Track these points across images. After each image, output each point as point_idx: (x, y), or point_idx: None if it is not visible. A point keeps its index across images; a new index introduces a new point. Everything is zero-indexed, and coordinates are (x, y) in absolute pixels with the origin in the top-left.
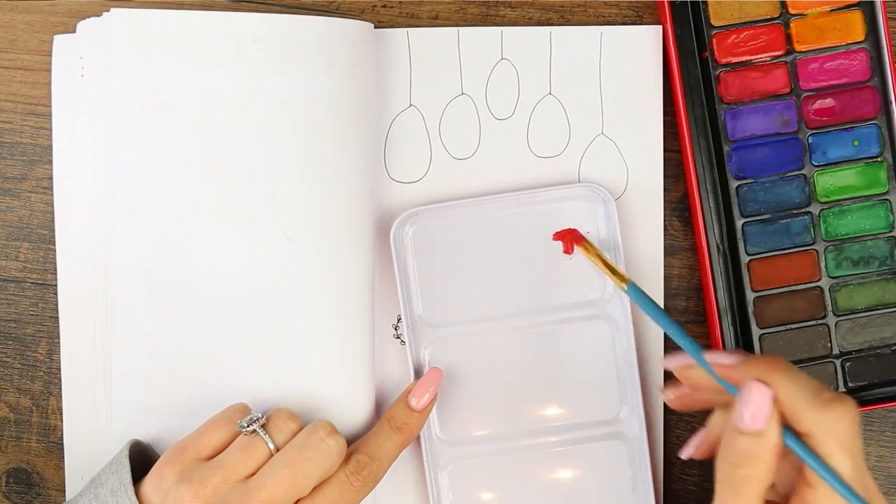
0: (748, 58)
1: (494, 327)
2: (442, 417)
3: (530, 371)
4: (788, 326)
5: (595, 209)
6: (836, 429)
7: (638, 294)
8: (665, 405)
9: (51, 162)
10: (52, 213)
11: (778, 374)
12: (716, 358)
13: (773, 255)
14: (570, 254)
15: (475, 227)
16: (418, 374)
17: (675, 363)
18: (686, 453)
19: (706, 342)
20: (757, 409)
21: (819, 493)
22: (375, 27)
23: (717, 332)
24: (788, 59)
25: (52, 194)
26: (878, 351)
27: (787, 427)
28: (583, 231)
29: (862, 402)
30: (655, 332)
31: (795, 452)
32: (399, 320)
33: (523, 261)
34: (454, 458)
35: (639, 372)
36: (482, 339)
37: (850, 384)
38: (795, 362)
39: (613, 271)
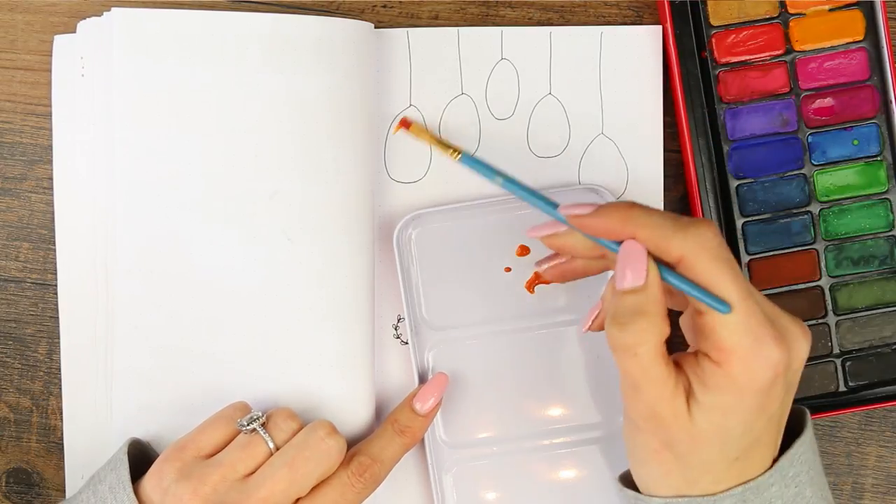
0: (748, 57)
1: (498, 329)
2: (446, 420)
3: (534, 373)
4: None
5: None
6: (702, 242)
7: (473, 162)
8: None
9: (51, 162)
10: (52, 213)
11: (635, 213)
12: (570, 210)
13: (773, 255)
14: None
15: (478, 229)
16: (422, 377)
17: (541, 232)
18: (584, 327)
19: None
20: (635, 265)
21: (709, 316)
22: (375, 27)
23: None
24: (788, 58)
25: (52, 194)
26: (879, 350)
27: (661, 263)
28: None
29: (862, 402)
30: None
31: (672, 284)
32: (399, 320)
33: (526, 263)
34: (458, 461)
35: None
36: (485, 342)
37: (850, 383)
38: None
39: (446, 146)
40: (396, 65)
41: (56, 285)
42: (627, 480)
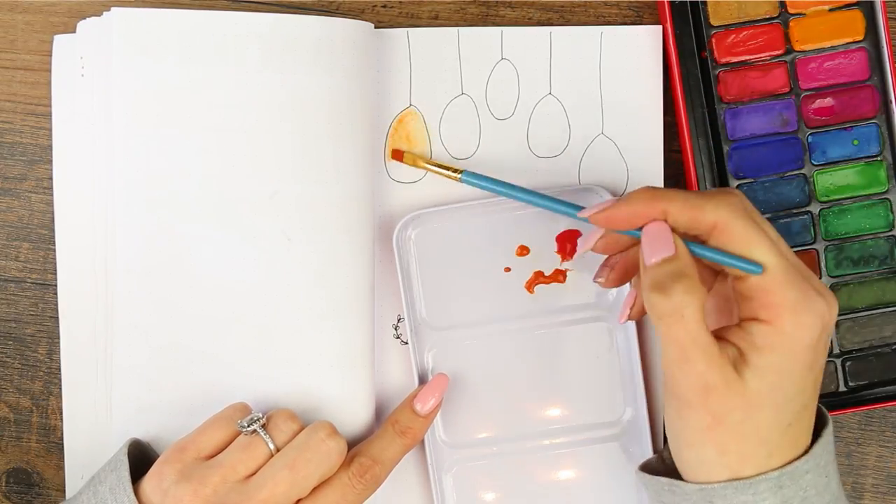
0: (748, 57)
1: (497, 329)
2: (446, 420)
3: (534, 373)
4: None
5: None
6: (733, 207)
7: (476, 178)
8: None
9: (51, 162)
10: (52, 213)
11: (660, 192)
12: (592, 210)
13: None
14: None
15: (478, 229)
16: (422, 377)
17: (591, 211)
18: (622, 318)
19: None
20: (661, 239)
21: (754, 278)
22: (375, 27)
23: None
24: (788, 58)
25: (52, 194)
26: (879, 350)
27: (686, 239)
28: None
29: (862, 402)
30: (657, 334)
31: (704, 256)
32: (399, 320)
33: (526, 263)
34: (458, 461)
35: (642, 374)
36: (485, 342)
37: (850, 383)
38: None
39: (445, 168)
40: (396, 65)
41: (56, 285)
42: (652, 468)
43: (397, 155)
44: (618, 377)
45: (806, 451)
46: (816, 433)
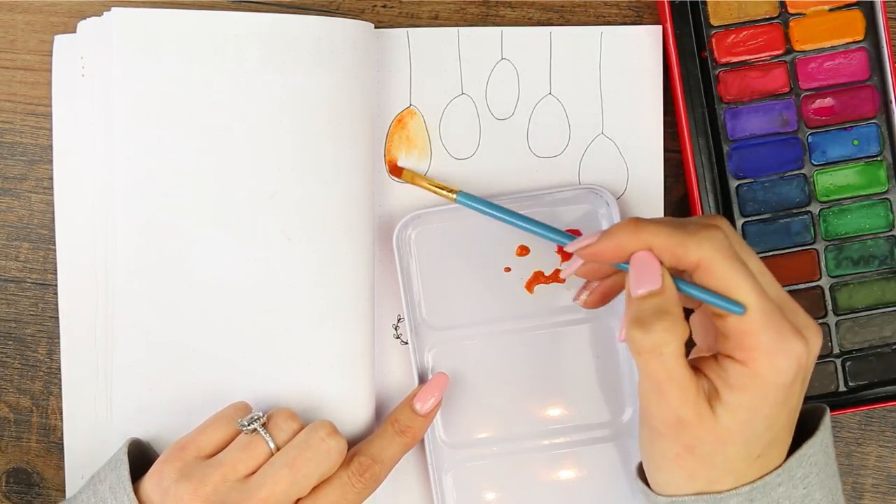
0: (748, 57)
1: (497, 329)
2: (446, 420)
3: (534, 373)
4: None
5: (597, 211)
6: (716, 245)
7: (471, 199)
8: None
9: (51, 162)
10: (52, 213)
11: (643, 225)
12: (577, 244)
13: (773, 255)
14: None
15: (478, 229)
16: (422, 377)
17: (577, 245)
18: (577, 299)
19: None
20: (648, 271)
21: (731, 318)
22: (375, 27)
23: None
24: (788, 58)
25: (52, 194)
26: (879, 350)
27: (676, 277)
28: (585, 234)
29: (862, 402)
30: None
31: (686, 292)
32: (399, 320)
33: (526, 263)
34: (458, 461)
35: None
36: (485, 342)
37: (850, 383)
38: None
39: (440, 188)
40: (396, 65)
41: (56, 285)
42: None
43: (396, 171)
44: (618, 377)
45: (779, 466)
46: (801, 442)
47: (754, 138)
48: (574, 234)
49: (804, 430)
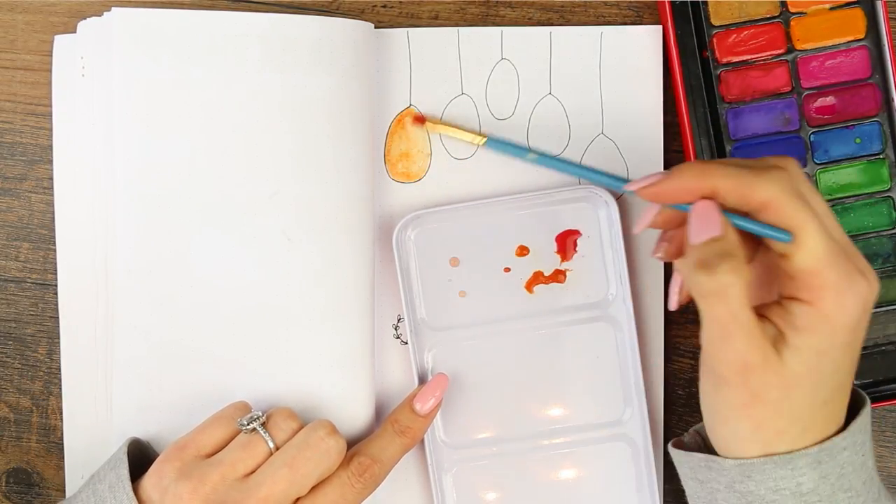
0: (749, 57)
1: (497, 330)
2: (446, 420)
3: (534, 373)
4: None
5: (597, 211)
6: (783, 185)
7: (501, 144)
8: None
9: (51, 162)
10: (52, 213)
11: (711, 167)
12: (639, 183)
13: None
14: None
15: (478, 229)
16: (422, 377)
17: (638, 185)
18: (673, 304)
19: None
20: (708, 219)
21: (798, 256)
22: (375, 27)
23: None
24: (789, 57)
25: (52, 194)
26: (883, 348)
27: (743, 216)
28: (585, 235)
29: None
30: (657, 334)
31: (746, 228)
32: (399, 320)
33: (526, 263)
34: (458, 461)
35: (642, 374)
36: (485, 342)
37: (855, 381)
38: None
39: (466, 132)
40: (396, 65)
41: (56, 285)
42: (685, 445)
43: (419, 120)
44: (618, 377)
45: (842, 429)
46: (854, 412)
47: (756, 138)
48: (574, 234)
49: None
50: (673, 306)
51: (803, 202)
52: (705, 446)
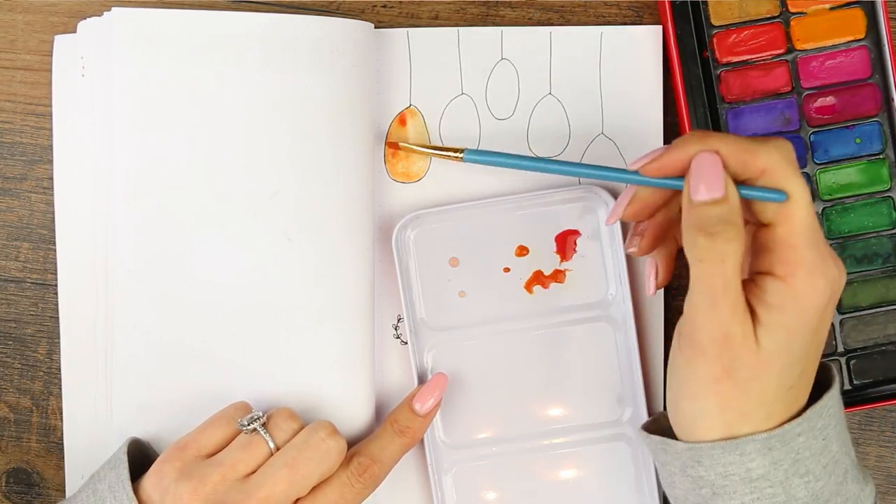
0: (749, 57)
1: (497, 330)
2: (446, 420)
3: (533, 373)
4: None
5: (597, 211)
6: (784, 153)
7: (480, 154)
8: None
9: (51, 162)
10: (52, 213)
11: (710, 135)
12: (641, 161)
13: None
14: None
15: (477, 229)
16: (421, 377)
17: (619, 212)
18: (651, 290)
19: None
20: (710, 176)
21: (780, 228)
22: (375, 27)
23: None
24: (789, 57)
25: (52, 194)
26: (883, 348)
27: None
28: (584, 235)
29: (868, 400)
30: (657, 334)
31: (753, 196)
32: (399, 320)
33: (525, 263)
34: (458, 461)
35: (641, 374)
36: (485, 342)
37: (855, 381)
38: None
39: (442, 149)
40: (396, 65)
41: (56, 285)
42: (650, 428)
43: (393, 146)
44: (618, 377)
45: (799, 414)
46: (817, 396)
47: None
48: (573, 234)
49: (816, 387)
50: (651, 292)
51: (798, 174)
52: (669, 430)
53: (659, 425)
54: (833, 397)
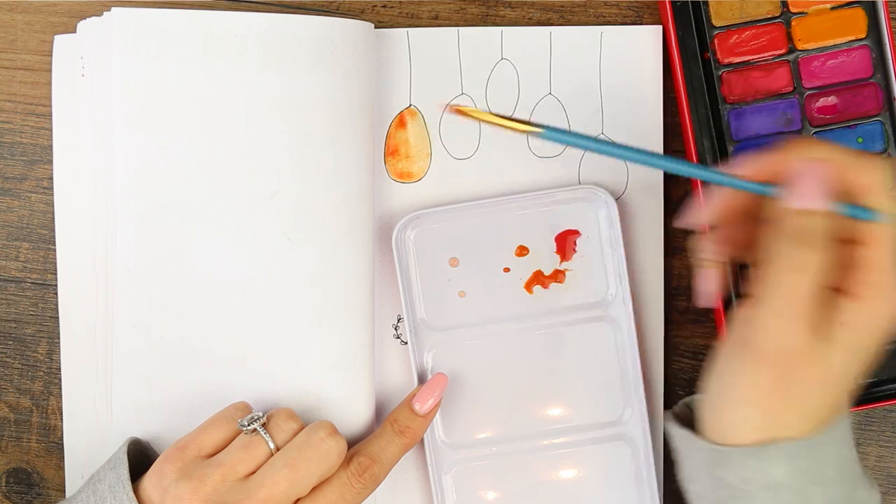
0: (750, 57)
1: (497, 330)
2: (446, 421)
3: (533, 373)
4: None
5: (597, 211)
6: (884, 170)
7: (560, 134)
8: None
9: (51, 162)
10: (52, 213)
11: (820, 143)
12: (749, 165)
13: None
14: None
15: (477, 229)
16: (421, 378)
17: (707, 213)
18: (708, 299)
19: (710, 340)
20: (814, 185)
21: (867, 250)
22: (375, 27)
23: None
24: (790, 57)
25: (52, 194)
26: (886, 348)
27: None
28: (584, 235)
29: (870, 400)
30: (657, 334)
31: (851, 214)
32: (399, 320)
33: (525, 263)
34: (458, 462)
35: (641, 373)
36: (485, 342)
37: (857, 380)
38: None
39: (519, 122)
40: (396, 65)
41: (56, 285)
42: (679, 415)
43: (458, 111)
44: (618, 377)
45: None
46: None
47: (758, 138)
48: (573, 234)
49: None
50: (708, 303)
51: (894, 195)
52: (692, 419)
53: (685, 413)
54: (850, 414)
